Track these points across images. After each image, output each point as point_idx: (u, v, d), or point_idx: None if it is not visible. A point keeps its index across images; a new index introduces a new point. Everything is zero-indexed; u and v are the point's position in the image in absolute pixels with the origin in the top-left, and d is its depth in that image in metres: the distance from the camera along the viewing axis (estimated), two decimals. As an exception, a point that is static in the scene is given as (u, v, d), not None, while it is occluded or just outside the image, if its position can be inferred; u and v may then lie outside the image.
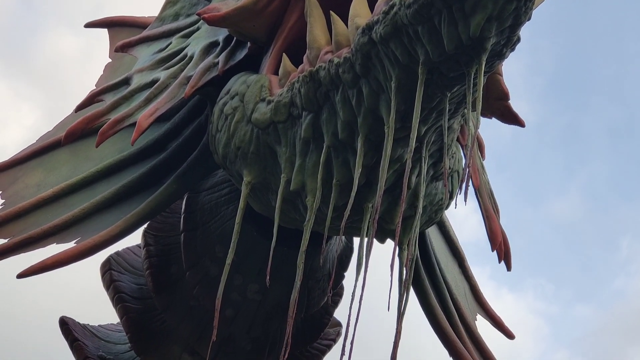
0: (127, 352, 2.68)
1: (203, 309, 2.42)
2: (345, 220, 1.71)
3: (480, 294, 2.67)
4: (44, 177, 2.33)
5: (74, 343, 2.64)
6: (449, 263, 2.58)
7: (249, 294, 2.32)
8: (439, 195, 1.98)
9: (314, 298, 2.37)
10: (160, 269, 2.50)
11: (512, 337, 2.67)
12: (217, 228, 2.34)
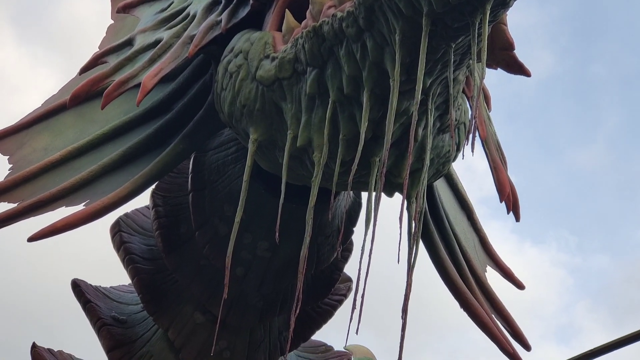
0: (139, 312, 2.70)
1: (213, 268, 2.43)
2: (352, 174, 1.72)
3: (489, 245, 2.68)
4: (50, 140, 2.34)
5: (86, 305, 2.66)
6: (457, 215, 2.58)
7: (259, 251, 2.33)
8: (446, 148, 1.98)
9: (323, 254, 2.38)
10: (169, 229, 2.51)
11: (522, 288, 2.68)
12: (225, 187, 2.35)
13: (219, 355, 2.53)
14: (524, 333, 2.51)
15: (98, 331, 2.63)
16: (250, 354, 2.58)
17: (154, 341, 2.63)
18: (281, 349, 2.64)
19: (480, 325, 2.38)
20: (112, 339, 2.60)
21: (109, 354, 2.60)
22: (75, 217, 2.09)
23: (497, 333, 2.40)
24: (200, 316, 2.55)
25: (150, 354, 2.60)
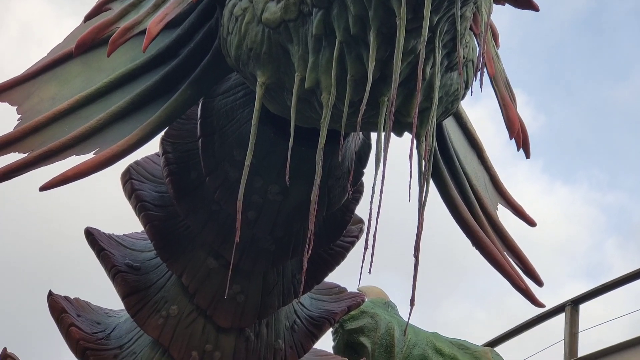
0: (153, 259, 2.72)
1: (225, 213, 2.45)
2: (361, 115, 1.72)
3: (500, 183, 2.68)
4: (58, 90, 2.33)
5: (100, 253, 2.68)
6: (467, 154, 2.58)
7: (270, 195, 2.34)
8: (455, 86, 1.97)
9: (334, 196, 2.39)
10: (180, 175, 2.51)
11: (533, 225, 2.69)
12: (234, 132, 2.35)
13: (233, 300, 2.55)
14: (535, 269, 2.52)
15: (113, 278, 2.66)
16: (264, 297, 2.60)
17: (168, 287, 2.65)
18: (295, 291, 2.66)
19: (492, 262, 2.39)
20: (127, 286, 2.63)
21: (124, 300, 2.63)
22: (85, 165, 2.10)
23: (509, 270, 2.41)
24: (213, 261, 2.57)
25: (165, 299, 2.63)
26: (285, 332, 2.73)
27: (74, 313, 2.72)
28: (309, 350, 2.80)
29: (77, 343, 2.64)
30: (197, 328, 2.59)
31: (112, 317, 2.85)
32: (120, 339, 2.73)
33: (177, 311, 2.60)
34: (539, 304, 2.48)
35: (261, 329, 2.65)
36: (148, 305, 2.62)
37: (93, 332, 2.71)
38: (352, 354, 3.48)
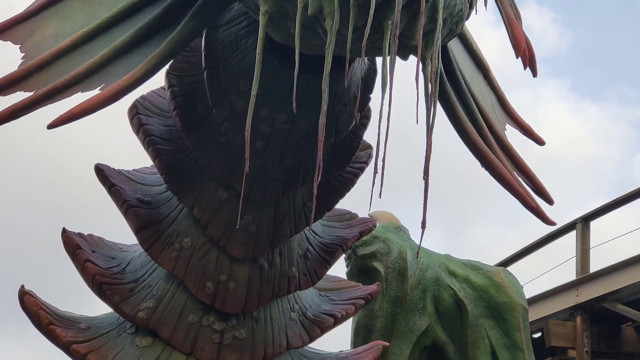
0: (163, 192, 2.74)
1: (233, 144, 2.45)
2: (365, 39, 1.70)
3: (507, 103, 2.67)
4: (59, 27, 2.31)
5: (111, 188, 2.70)
6: (473, 76, 2.56)
7: (277, 124, 2.34)
8: (459, 6, 1.95)
9: (342, 122, 2.38)
10: (186, 108, 2.51)
11: (542, 143, 2.69)
12: (238, 62, 2.34)
13: (245, 230, 2.57)
14: (545, 188, 2.52)
15: (125, 213, 2.67)
16: (276, 226, 2.61)
17: (180, 220, 2.67)
18: (306, 219, 2.68)
19: (502, 182, 2.39)
20: (139, 220, 2.65)
21: (138, 234, 2.65)
22: (91, 101, 2.09)
23: (519, 189, 2.41)
24: (223, 192, 2.58)
25: (178, 232, 2.65)
26: (299, 259, 2.75)
27: (89, 249, 2.74)
28: (323, 276, 2.83)
29: (93, 278, 2.67)
30: (211, 259, 2.62)
31: (126, 252, 2.87)
32: (135, 273, 2.76)
33: (190, 243, 2.63)
34: (549, 222, 2.49)
35: (274, 258, 2.68)
36: (161, 238, 2.64)
37: (108, 267, 2.73)
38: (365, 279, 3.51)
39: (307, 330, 2.83)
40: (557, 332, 11.81)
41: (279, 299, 2.77)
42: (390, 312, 3.51)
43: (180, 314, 2.65)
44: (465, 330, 3.52)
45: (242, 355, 2.67)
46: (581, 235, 12.28)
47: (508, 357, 3.51)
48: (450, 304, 3.56)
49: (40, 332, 2.72)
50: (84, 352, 2.66)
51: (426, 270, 3.59)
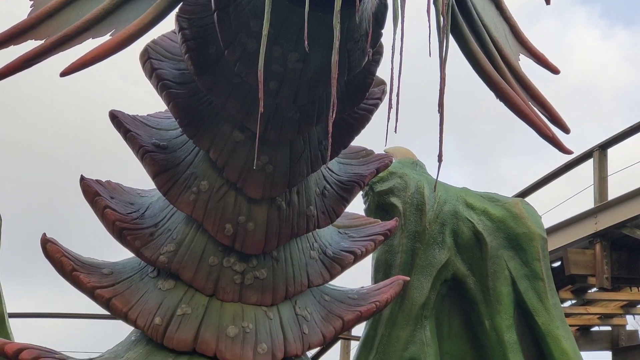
0: (179, 136, 2.74)
1: (247, 85, 2.44)
2: None
3: (520, 33, 2.64)
4: None
5: (127, 134, 2.70)
6: (485, 6, 2.53)
7: (290, 63, 2.32)
8: None
9: (354, 59, 2.37)
10: (198, 51, 2.50)
11: (557, 72, 2.66)
12: (248, 2, 2.31)
13: (262, 170, 2.58)
14: (561, 117, 2.51)
15: (141, 159, 2.68)
16: (292, 166, 2.62)
17: (197, 163, 2.68)
18: (322, 158, 2.68)
19: (517, 112, 2.37)
20: (155, 165, 2.65)
21: (155, 179, 2.66)
22: (102, 48, 2.09)
23: (535, 119, 2.40)
24: (239, 134, 2.58)
25: (195, 175, 2.66)
26: (316, 198, 2.76)
27: (107, 195, 2.76)
28: (341, 214, 2.84)
29: (113, 224, 2.70)
30: (229, 201, 2.63)
31: (144, 197, 2.89)
32: (155, 218, 2.78)
33: (207, 186, 2.64)
34: (566, 151, 2.47)
35: (292, 197, 2.69)
36: (178, 182, 2.66)
37: (127, 212, 2.75)
38: (383, 214, 3.52)
39: (327, 268, 2.85)
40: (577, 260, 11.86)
41: (298, 238, 2.79)
42: (409, 247, 3.52)
43: (201, 256, 2.67)
44: (484, 262, 3.54)
45: (263, 295, 2.70)
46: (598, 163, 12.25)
47: (528, 286, 3.52)
48: (469, 236, 3.57)
49: (65, 279, 2.76)
50: (108, 296, 2.69)
51: (444, 204, 3.59)
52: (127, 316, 2.69)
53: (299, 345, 2.74)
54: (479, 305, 3.52)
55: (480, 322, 3.53)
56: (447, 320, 3.63)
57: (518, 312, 3.54)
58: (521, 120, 2.39)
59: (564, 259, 11.81)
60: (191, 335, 2.62)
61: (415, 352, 3.45)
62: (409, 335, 3.47)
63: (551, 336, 3.49)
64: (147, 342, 2.71)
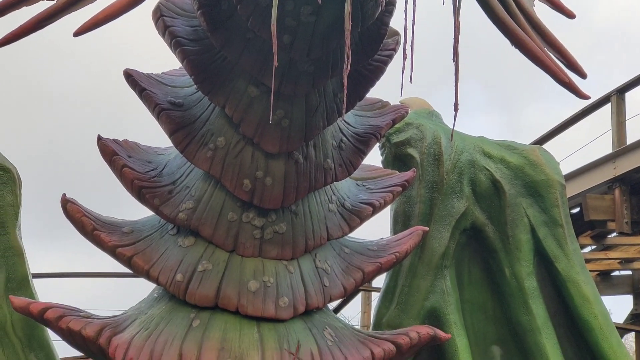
0: (194, 93, 2.74)
1: (260, 39, 2.43)
2: None
3: None
4: None
5: (142, 93, 2.70)
6: (499, -48, 2.50)
7: (303, 17, 2.31)
8: None
9: (367, 10, 2.34)
10: (211, 7, 2.48)
11: (572, 17, 2.64)
12: None
13: (278, 124, 2.57)
14: (578, 62, 2.49)
15: (157, 117, 2.69)
16: (308, 119, 2.61)
17: (213, 119, 2.68)
18: (338, 110, 2.67)
19: (533, 59, 2.36)
20: (172, 123, 2.66)
21: (172, 137, 2.67)
22: (114, 7, 2.08)
23: (551, 65, 2.38)
24: (254, 89, 2.58)
25: (211, 132, 2.66)
26: (333, 151, 2.76)
27: (125, 154, 2.77)
28: (358, 166, 2.84)
29: (132, 183, 2.71)
30: (246, 156, 2.63)
31: (161, 155, 2.90)
32: (173, 175, 2.78)
33: (224, 142, 2.64)
34: (583, 96, 2.46)
35: (309, 151, 2.68)
36: (195, 139, 2.66)
37: (145, 170, 2.76)
38: (401, 166, 3.51)
39: (346, 221, 2.86)
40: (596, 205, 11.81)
41: (316, 192, 2.79)
42: (427, 197, 3.52)
43: (220, 212, 2.68)
44: (503, 210, 3.53)
45: (283, 249, 2.71)
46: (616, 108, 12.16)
47: (547, 233, 3.52)
48: (487, 185, 3.55)
49: (86, 238, 2.78)
50: (130, 254, 2.71)
51: (461, 154, 3.58)
52: (148, 274, 2.71)
53: (320, 298, 2.76)
54: (499, 253, 3.53)
55: (500, 270, 3.53)
56: (467, 269, 3.63)
57: (538, 259, 3.54)
58: (537, 66, 2.37)
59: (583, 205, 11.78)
60: (213, 290, 2.64)
61: (436, 301, 3.46)
62: (429, 285, 3.48)
63: (571, 282, 3.49)
64: (169, 298, 2.74)
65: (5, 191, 3.16)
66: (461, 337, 3.47)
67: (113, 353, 2.61)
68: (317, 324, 2.75)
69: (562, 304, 3.56)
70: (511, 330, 3.56)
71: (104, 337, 2.65)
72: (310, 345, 2.66)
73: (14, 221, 3.17)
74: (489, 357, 3.59)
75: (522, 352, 3.52)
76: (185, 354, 2.55)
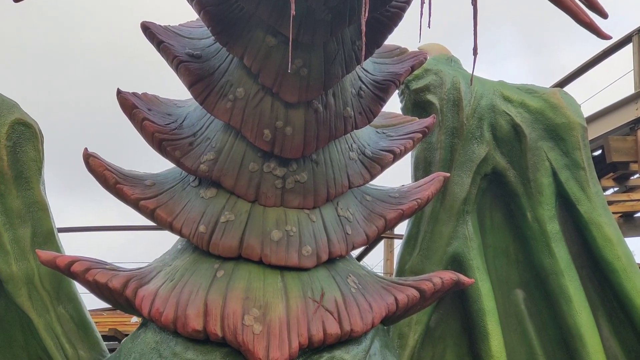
0: (212, 45, 2.73)
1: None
2: None
3: None
4: None
5: (160, 45, 2.70)
6: None
7: None
8: None
9: (384, -45, 2.33)
10: None
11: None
12: None
13: (297, 74, 2.57)
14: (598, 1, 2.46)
15: (176, 69, 2.69)
16: (327, 67, 2.60)
17: (232, 70, 2.67)
18: (356, 58, 2.66)
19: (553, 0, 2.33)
20: (190, 75, 2.66)
21: (191, 89, 2.67)
22: None
23: (571, 5, 2.36)
24: (272, 39, 2.57)
25: (230, 83, 2.66)
26: (353, 99, 2.75)
27: (145, 107, 2.78)
28: (378, 114, 2.83)
29: (153, 136, 2.72)
30: (266, 107, 2.63)
31: (181, 107, 2.90)
32: (193, 127, 2.79)
33: (243, 93, 2.64)
34: (604, 36, 2.44)
35: (328, 100, 2.68)
36: (214, 90, 2.66)
37: (166, 123, 2.77)
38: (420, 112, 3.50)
39: (367, 168, 2.87)
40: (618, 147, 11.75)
41: (337, 140, 2.79)
42: (448, 143, 3.51)
43: (241, 163, 2.69)
44: (524, 154, 3.52)
45: (305, 198, 2.72)
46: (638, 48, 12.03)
47: (569, 176, 3.51)
48: (508, 129, 3.54)
49: (109, 192, 2.80)
50: (152, 207, 2.74)
51: (481, 99, 3.56)
52: (172, 225, 2.73)
53: (342, 246, 2.78)
54: (520, 197, 3.52)
55: (522, 214, 3.53)
56: (489, 213, 3.63)
57: (560, 202, 3.54)
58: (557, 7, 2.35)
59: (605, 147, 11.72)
60: (236, 241, 2.66)
61: (458, 246, 3.47)
62: (451, 231, 3.49)
63: (594, 224, 3.49)
64: (193, 250, 2.76)
65: (27, 147, 3.18)
66: (484, 281, 3.49)
67: (139, 304, 2.64)
68: (341, 272, 2.77)
69: (584, 247, 3.57)
70: (534, 274, 3.57)
71: (130, 288, 2.68)
72: (334, 293, 2.68)
73: (37, 176, 3.20)
74: (512, 301, 3.61)
75: (545, 295, 3.53)
76: (210, 304, 2.58)
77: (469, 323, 3.51)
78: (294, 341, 2.55)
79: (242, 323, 2.55)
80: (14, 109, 3.18)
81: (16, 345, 3.36)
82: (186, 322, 2.57)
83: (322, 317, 2.62)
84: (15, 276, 3.15)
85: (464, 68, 3.74)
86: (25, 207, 3.18)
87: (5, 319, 3.33)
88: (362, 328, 2.66)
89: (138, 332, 2.78)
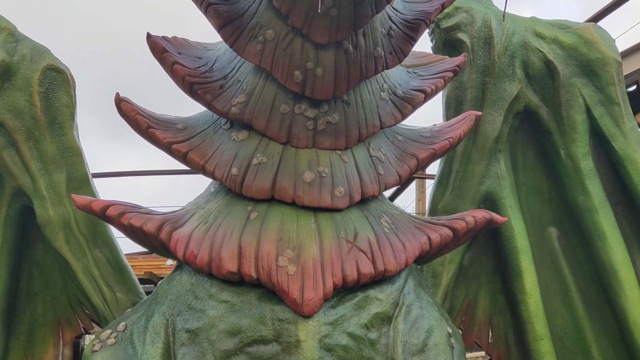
0: None
1: None
2: None
3: None
4: None
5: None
6: None
7: None
8: None
9: None
10: None
11: None
12: None
13: (327, 14, 2.54)
14: None
15: (205, 12, 2.67)
16: (357, 7, 2.58)
17: (261, 12, 2.66)
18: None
19: None
20: (220, 17, 2.65)
21: (221, 31, 2.66)
22: None
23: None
24: None
25: (260, 24, 2.65)
26: (383, 39, 2.73)
27: (175, 51, 2.77)
28: (408, 53, 2.81)
29: (183, 79, 2.72)
30: (296, 48, 2.62)
31: (211, 50, 2.90)
32: (223, 70, 2.79)
33: (273, 34, 2.63)
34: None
35: (358, 40, 2.66)
36: (244, 32, 2.65)
37: (196, 66, 2.77)
38: (451, 51, 3.46)
39: (398, 108, 2.85)
40: (653, 83, 11.57)
41: (367, 81, 2.78)
42: (479, 82, 3.48)
43: (272, 105, 2.69)
44: (557, 91, 3.48)
45: (337, 139, 2.72)
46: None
47: (603, 112, 3.47)
48: (540, 66, 3.50)
49: (141, 136, 2.82)
50: (185, 150, 2.75)
51: (512, 36, 3.51)
52: (204, 168, 2.75)
53: (375, 186, 2.78)
54: (554, 134, 3.49)
55: (556, 152, 3.50)
56: (522, 152, 3.61)
57: (594, 139, 3.51)
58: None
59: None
60: (269, 182, 2.68)
61: (491, 185, 3.46)
62: (484, 170, 3.47)
63: (629, 160, 3.46)
64: (226, 192, 2.78)
65: (60, 92, 3.20)
66: (517, 219, 3.49)
67: (174, 247, 2.67)
68: (374, 212, 2.78)
69: (619, 183, 3.54)
70: (567, 211, 3.55)
71: (164, 232, 2.71)
72: (368, 233, 2.69)
73: (70, 122, 3.22)
74: (546, 238, 3.61)
75: (579, 232, 3.52)
76: (244, 245, 2.60)
77: (502, 261, 3.51)
78: (328, 281, 2.58)
79: (276, 264, 2.57)
80: (45, 54, 3.20)
81: (55, 288, 3.42)
82: (220, 264, 2.60)
83: (355, 257, 2.63)
84: (52, 221, 3.19)
85: (495, 5, 3.69)
86: (59, 153, 3.21)
87: (44, 263, 3.39)
88: (395, 267, 2.67)
89: (173, 274, 2.82)
